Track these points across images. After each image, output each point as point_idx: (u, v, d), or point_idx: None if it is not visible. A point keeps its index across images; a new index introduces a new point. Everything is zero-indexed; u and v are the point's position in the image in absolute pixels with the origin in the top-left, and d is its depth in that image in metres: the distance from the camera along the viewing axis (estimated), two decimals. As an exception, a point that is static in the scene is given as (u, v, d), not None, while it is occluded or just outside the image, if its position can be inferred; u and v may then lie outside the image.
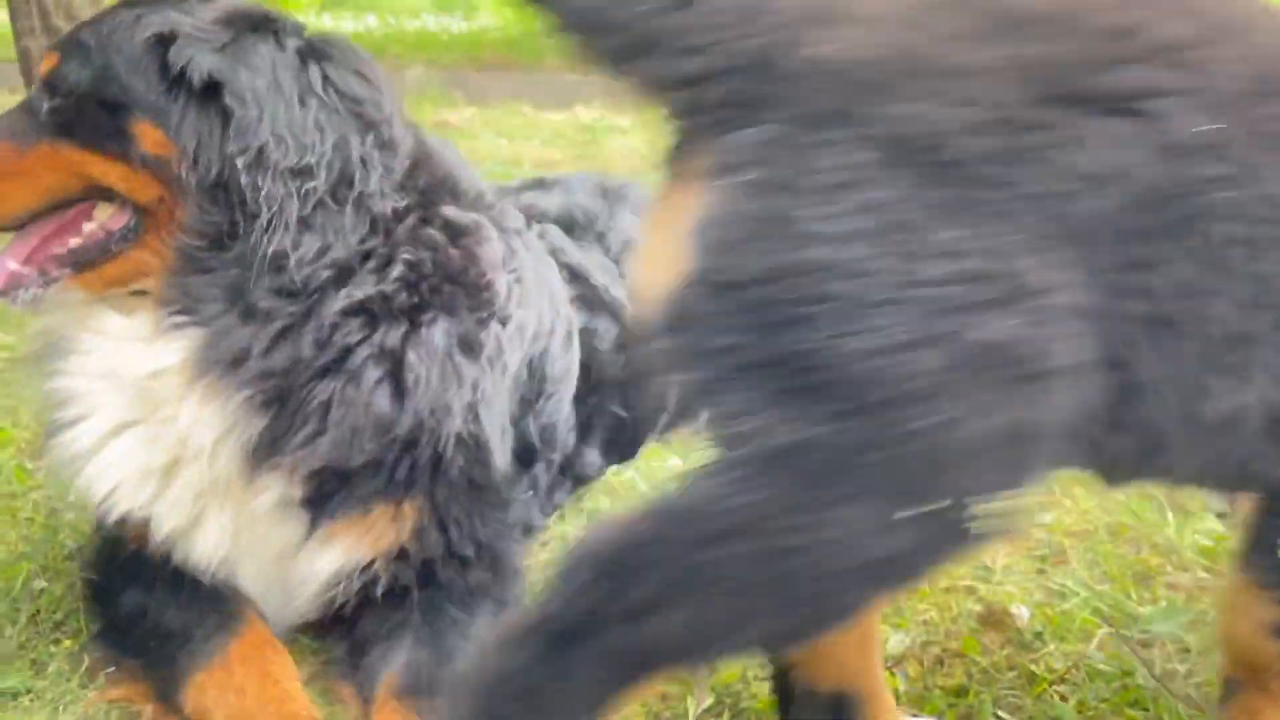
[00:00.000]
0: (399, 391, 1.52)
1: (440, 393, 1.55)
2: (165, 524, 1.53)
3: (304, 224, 1.45)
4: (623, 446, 2.29)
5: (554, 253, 2.15)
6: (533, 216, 2.25)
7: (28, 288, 1.51)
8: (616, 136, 7.89)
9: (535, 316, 1.84)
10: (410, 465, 1.56)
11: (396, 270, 1.52)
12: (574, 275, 2.18)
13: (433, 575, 1.60)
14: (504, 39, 15.82)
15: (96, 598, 1.67)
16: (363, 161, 1.49)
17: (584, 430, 2.12)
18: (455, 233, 1.63)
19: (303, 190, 1.43)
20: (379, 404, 1.50)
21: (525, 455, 1.90)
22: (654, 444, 2.46)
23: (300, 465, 1.49)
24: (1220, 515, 2.02)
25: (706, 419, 1.00)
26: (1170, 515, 2.03)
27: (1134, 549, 1.93)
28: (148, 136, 1.46)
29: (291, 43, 1.53)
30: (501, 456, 1.74)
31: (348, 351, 1.49)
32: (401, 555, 1.58)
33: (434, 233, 1.59)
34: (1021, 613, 1.71)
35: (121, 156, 1.47)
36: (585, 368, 2.08)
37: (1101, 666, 1.56)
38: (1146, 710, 1.46)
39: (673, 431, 2.49)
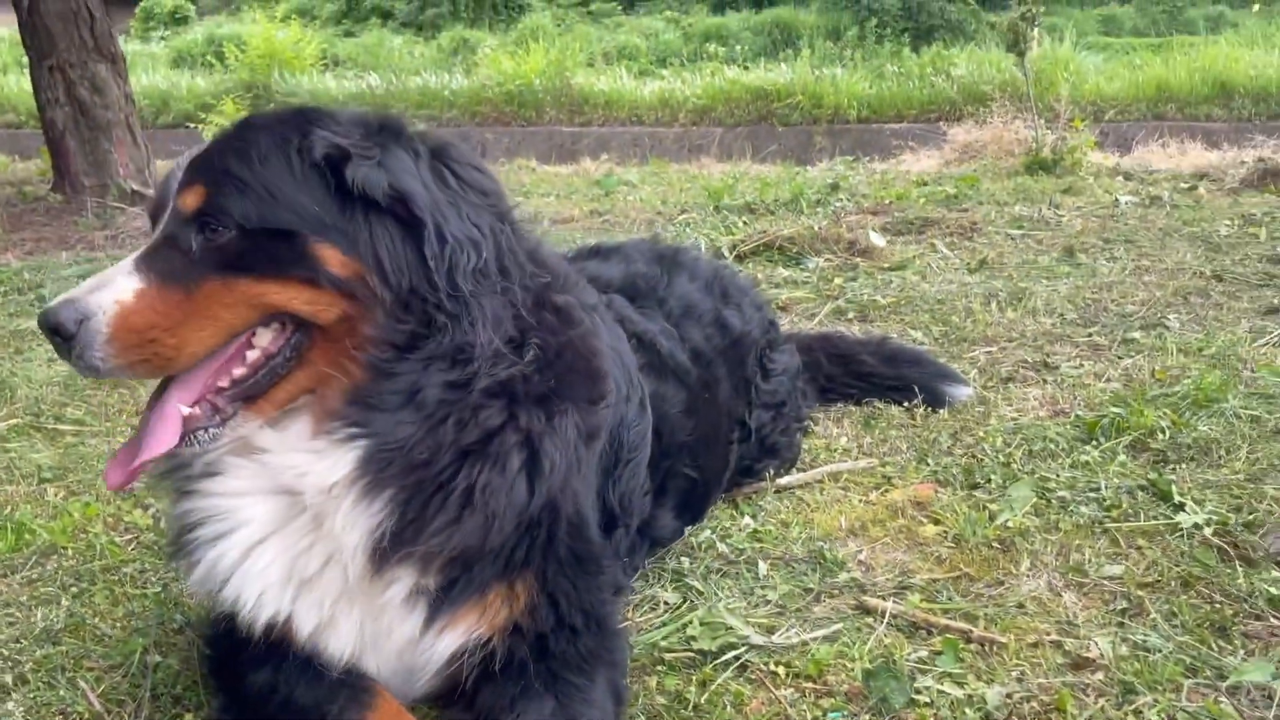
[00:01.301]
0: (536, 476, 1.57)
1: (567, 478, 1.62)
2: (306, 626, 1.57)
3: (487, 318, 1.51)
4: (694, 507, 2.36)
5: (621, 321, 2.23)
6: (599, 287, 2.34)
7: (206, 429, 1.50)
8: (627, 191, 8.04)
9: (614, 388, 1.90)
10: (528, 546, 1.62)
11: (530, 353, 1.57)
12: (641, 343, 2.25)
13: (546, 646, 1.65)
14: (504, 94, 16.11)
15: (219, 673, 1.71)
16: (511, 252, 1.57)
17: (658, 494, 2.19)
18: (565, 318, 1.69)
19: (485, 286, 1.51)
20: (520, 489, 1.55)
21: (608, 523, 1.96)
22: (723, 503, 2.54)
23: (438, 552, 1.52)
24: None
25: None
26: (1238, 565, 2.10)
27: (1207, 599, 1.99)
28: (331, 258, 1.47)
29: (422, 147, 1.57)
30: (594, 527, 1.81)
31: (490, 434, 1.53)
32: (516, 630, 1.63)
33: (551, 317, 1.65)
34: (1105, 651, 1.78)
35: (308, 281, 1.47)
36: (656, 433, 2.15)
37: (1197, 715, 1.62)
38: (1246, 759, 1.52)
39: (742, 489, 2.58)
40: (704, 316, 2.42)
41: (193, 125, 13.00)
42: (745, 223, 6.08)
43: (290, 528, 1.55)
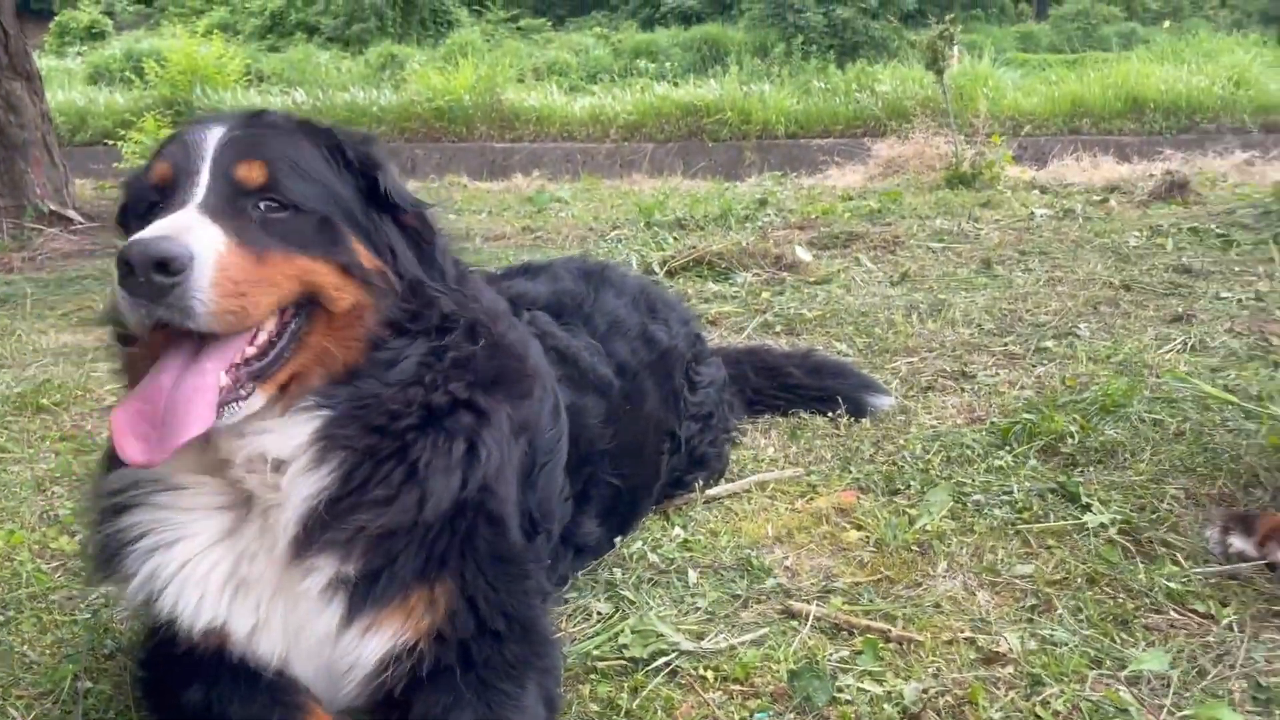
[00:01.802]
0: (473, 461, 1.66)
1: (500, 468, 1.70)
2: (241, 629, 1.59)
3: (465, 302, 1.74)
4: (621, 515, 2.41)
5: (544, 336, 2.29)
6: (523, 304, 2.40)
7: (235, 402, 1.51)
8: (559, 207, 8.10)
9: (540, 386, 1.99)
10: (449, 539, 1.66)
11: (480, 340, 1.72)
12: (562, 356, 2.31)
13: (474, 652, 1.68)
14: (433, 110, 16.06)
15: (152, 695, 1.72)
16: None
17: (580, 500, 2.23)
18: (493, 316, 1.81)
19: (455, 276, 1.75)
20: (457, 472, 1.63)
21: (529, 527, 1.99)
22: (655, 515, 2.59)
23: (369, 527, 1.57)
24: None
25: None
26: (1140, 561, 2.22)
27: (1110, 595, 2.10)
28: (360, 250, 1.61)
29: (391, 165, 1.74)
30: (516, 529, 1.85)
31: (450, 407, 1.65)
32: (442, 635, 1.66)
33: (487, 315, 1.78)
34: (1015, 646, 1.88)
35: (342, 268, 1.58)
36: (574, 441, 2.20)
37: (1100, 705, 1.71)
38: (1144, 743, 1.62)
39: (673, 500, 2.64)
40: (630, 331, 2.49)
41: (111, 142, 12.71)
42: (676, 238, 6.18)
43: (237, 535, 1.58)
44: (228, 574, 1.58)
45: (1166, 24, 27.01)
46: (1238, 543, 2.21)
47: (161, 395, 1.48)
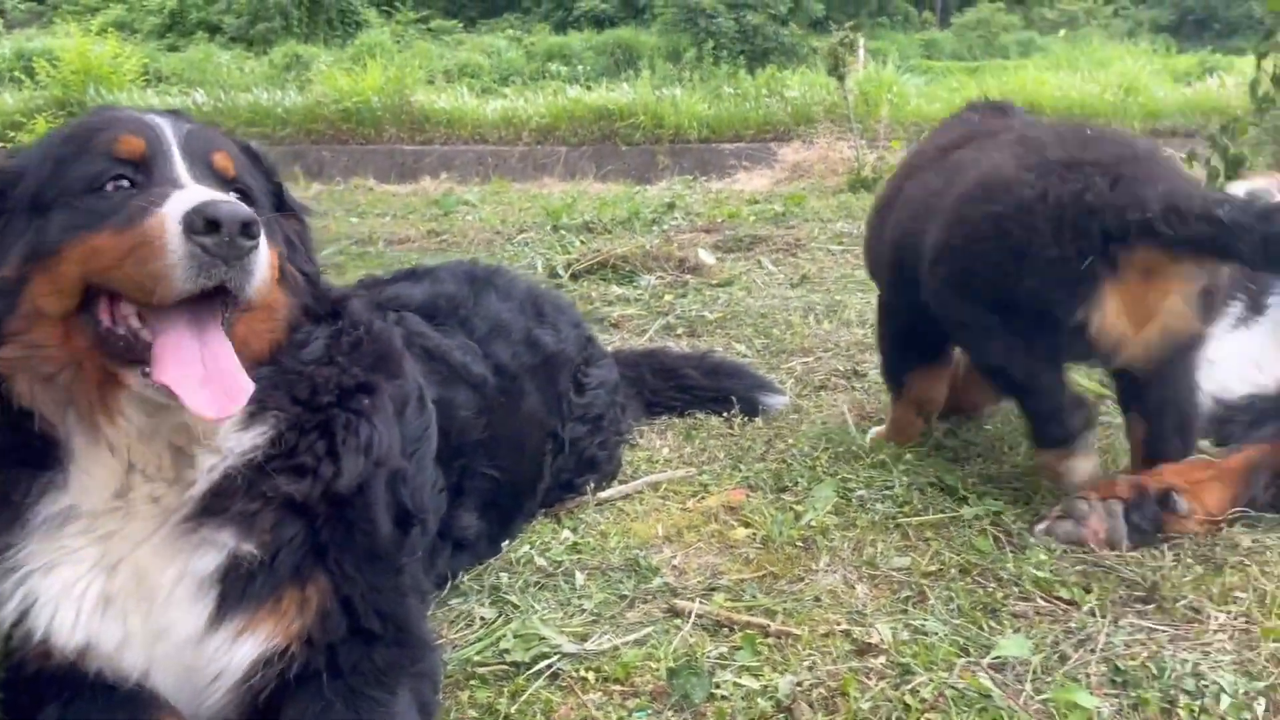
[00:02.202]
0: (373, 440, 1.73)
1: (390, 449, 1.77)
2: (106, 645, 1.56)
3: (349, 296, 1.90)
4: (501, 511, 2.40)
5: (412, 336, 2.30)
6: (396, 307, 2.41)
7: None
8: (466, 210, 8.03)
9: (409, 371, 2.06)
10: (329, 532, 1.66)
11: (362, 329, 1.82)
12: (430, 354, 2.32)
13: (340, 657, 1.65)
14: (340, 112, 15.78)
15: (9, 716, 1.66)
16: None
17: (456, 493, 2.22)
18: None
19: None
20: (365, 445, 1.71)
21: (403, 518, 1.95)
22: (545, 518, 2.59)
23: (293, 491, 1.62)
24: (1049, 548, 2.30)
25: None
26: (1010, 551, 2.30)
27: (981, 584, 2.18)
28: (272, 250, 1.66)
29: None
30: (385, 521, 1.83)
31: (356, 388, 1.74)
32: (310, 640, 1.64)
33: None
34: (887, 637, 1.93)
35: (279, 263, 1.68)
36: (444, 432, 2.19)
37: (965, 691, 1.77)
38: (1004, 726, 1.68)
39: (564, 504, 2.64)
40: (513, 335, 2.49)
41: (1, 144, 12.20)
42: (582, 242, 6.19)
43: (113, 538, 1.57)
44: (102, 589, 1.55)
45: (1062, 33, 28.01)
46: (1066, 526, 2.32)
47: (212, 359, 1.53)
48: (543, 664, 1.93)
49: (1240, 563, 2.20)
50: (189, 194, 1.50)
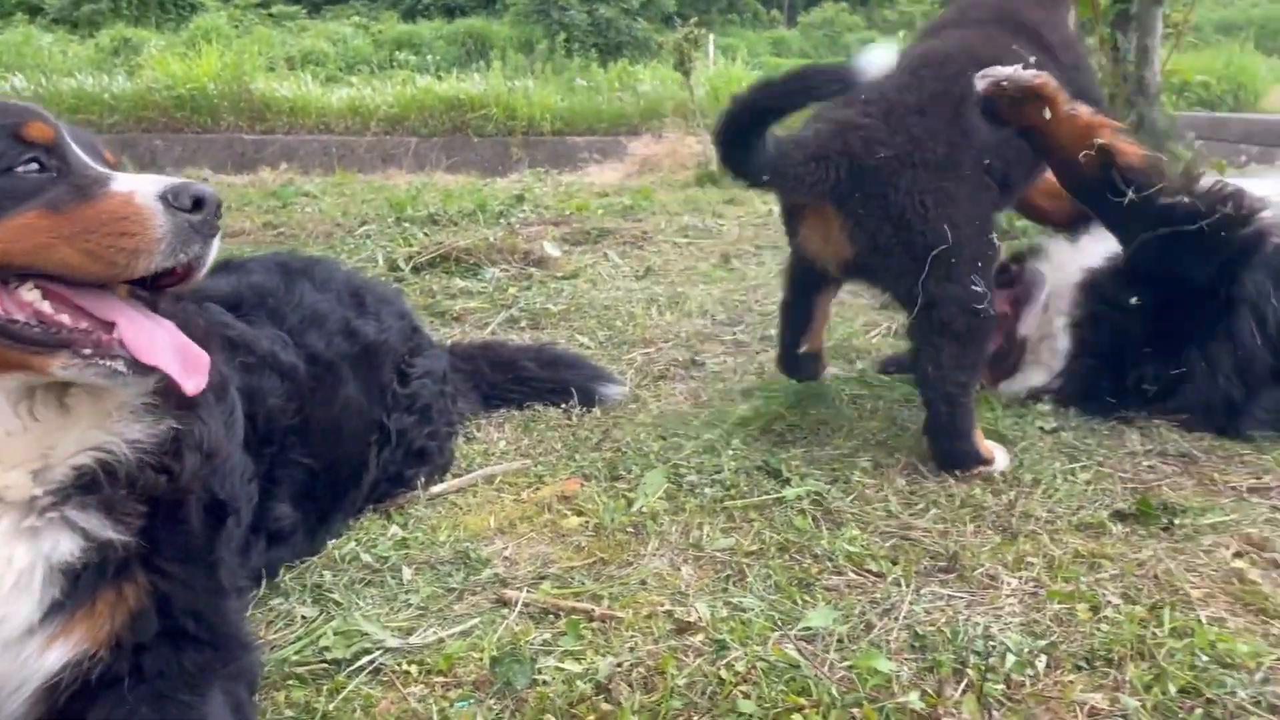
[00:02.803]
0: (210, 429, 1.72)
1: (219, 439, 1.74)
2: None
3: None
4: (320, 501, 2.36)
5: (214, 325, 2.24)
6: (200, 299, 2.33)
7: None
8: (306, 202, 7.78)
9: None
10: (144, 535, 1.60)
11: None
12: (233, 344, 2.26)
13: (146, 660, 1.59)
14: (173, 98, 15.04)
15: None
16: None
17: (269, 482, 2.18)
18: None
19: None
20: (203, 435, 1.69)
21: (216, 509, 1.90)
22: (373, 515, 2.56)
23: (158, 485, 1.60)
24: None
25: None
26: (826, 529, 2.41)
27: (798, 561, 2.27)
28: None
29: None
30: (198, 513, 1.78)
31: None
32: (119, 643, 1.57)
33: None
34: (705, 615, 2.00)
35: None
36: (252, 419, 2.15)
37: (775, 663, 1.85)
38: (811, 695, 1.76)
39: (394, 499, 2.61)
40: (330, 325, 2.44)
41: None
42: (426, 234, 6.09)
43: None
44: None
45: (902, 34, 29.18)
46: None
47: (171, 333, 1.61)
48: (364, 660, 1.91)
49: (1033, 531, 2.37)
50: (144, 178, 1.56)
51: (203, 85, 14.92)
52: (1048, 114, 2.68)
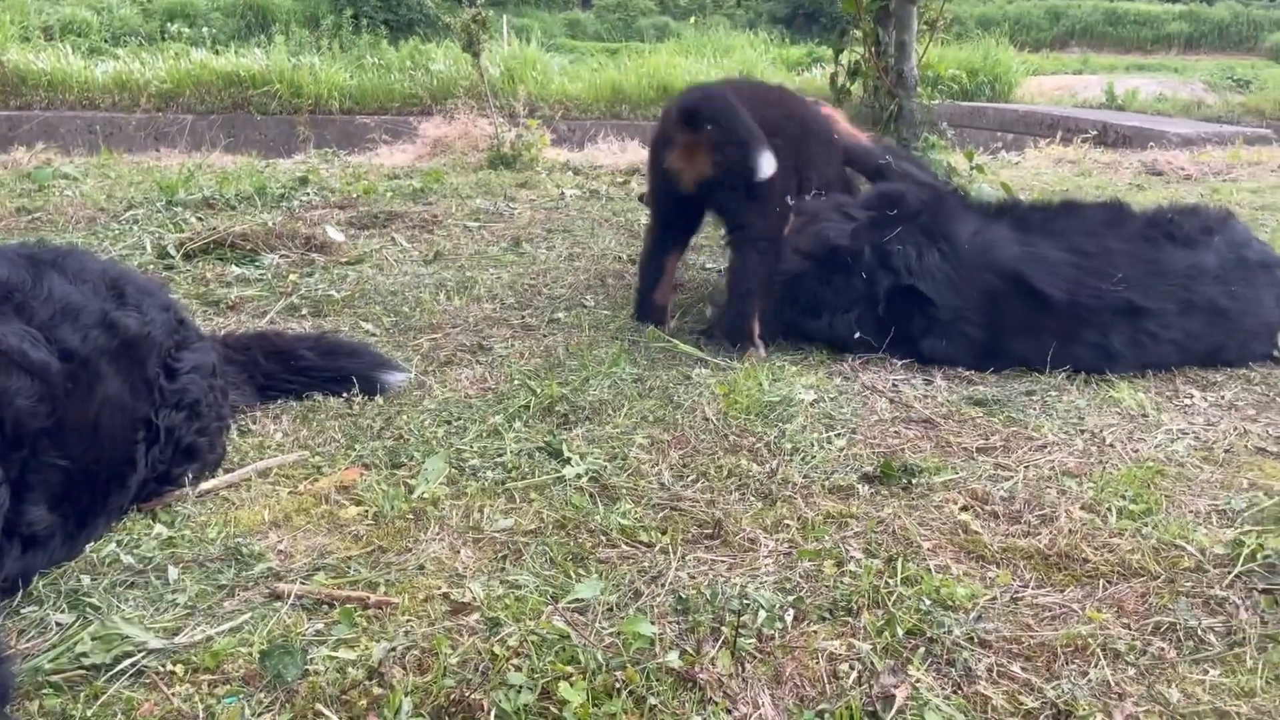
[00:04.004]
0: None
1: None
2: None
3: None
4: (80, 504, 2.25)
5: None
6: None
7: None
8: (66, 185, 7.23)
9: None
10: None
11: None
12: None
13: None
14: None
15: None
16: None
17: (21, 486, 2.06)
18: None
19: None
20: None
21: None
22: (137, 515, 2.46)
23: None
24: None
25: None
26: (602, 504, 2.51)
27: (574, 537, 2.36)
28: None
29: None
30: None
31: None
32: None
33: None
34: (479, 595, 2.06)
35: None
36: (0, 423, 2.04)
37: (546, 636, 1.93)
38: (579, 662, 1.85)
39: (161, 497, 2.52)
40: (86, 319, 2.32)
41: None
42: (200, 219, 5.80)
43: None
44: None
45: (694, 20, 29.91)
46: None
47: None
48: (126, 663, 1.86)
49: (790, 496, 2.55)
50: None
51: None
52: None
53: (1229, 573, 2.18)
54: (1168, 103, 18.70)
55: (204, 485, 2.59)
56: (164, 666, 1.86)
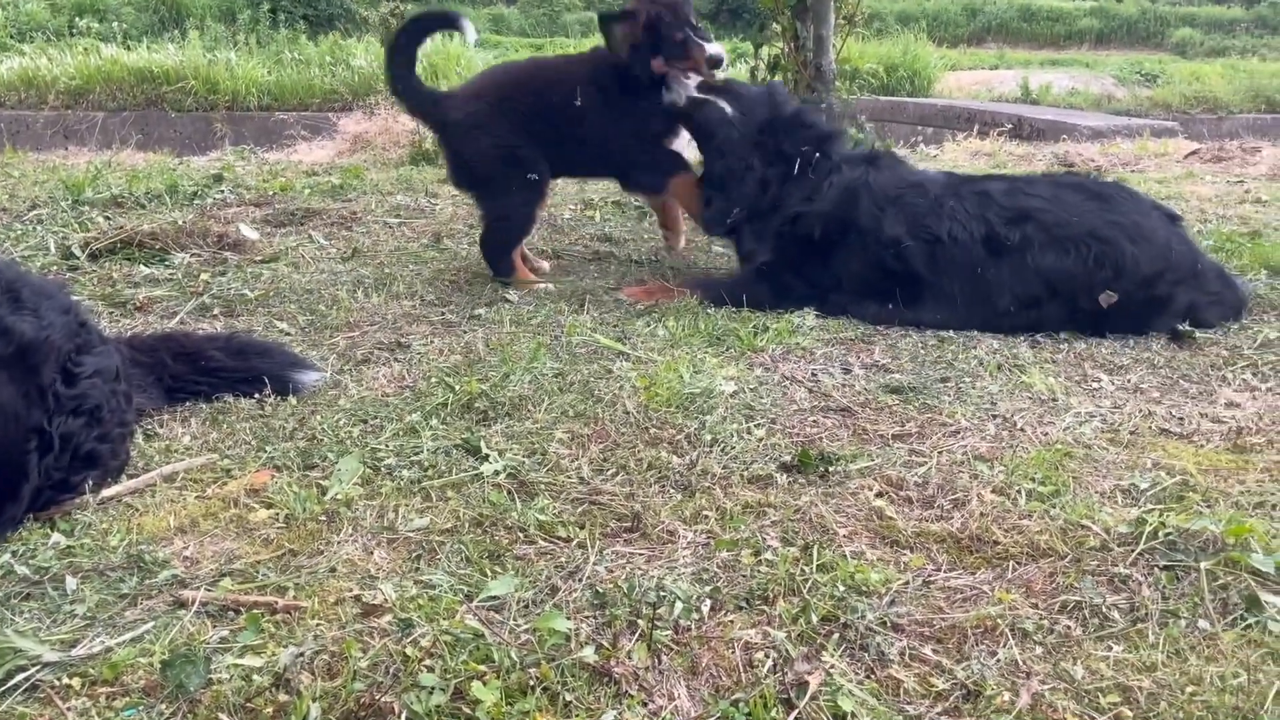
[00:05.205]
0: None
1: None
2: None
3: None
4: None
5: None
6: None
7: None
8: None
9: None
10: None
11: None
12: None
13: None
14: None
15: None
16: None
17: None
18: None
19: None
20: None
21: None
22: (34, 525, 2.37)
23: None
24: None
25: None
26: (520, 500, 2.48)
27: (491, 534, 2.33)
28: None
29: None
30: None
31: None
32: None
33: None
34: (391, 596, 2.02)
35: None
36: None
37: (460, 635, 1.90)
38: (493, 661, 1.82)
39: (59, 506, 2.43)
40: (-23, 323, 2.24)
41: None
42: (108, 218, 5.62)
43: None
44: None
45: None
46: None
47: None
48: (19, 678, 1.78)
49: (709, 487, 2.56)
50: None
51: None
52: None
53: (1132, 550, 2.24)
54: (1080, 97, 19.26)
55: (106, 492, 2.50)
56: (60, 680, 1.79)
